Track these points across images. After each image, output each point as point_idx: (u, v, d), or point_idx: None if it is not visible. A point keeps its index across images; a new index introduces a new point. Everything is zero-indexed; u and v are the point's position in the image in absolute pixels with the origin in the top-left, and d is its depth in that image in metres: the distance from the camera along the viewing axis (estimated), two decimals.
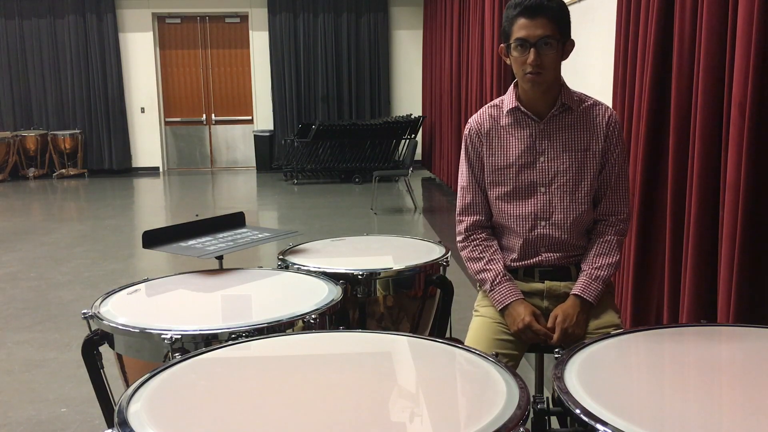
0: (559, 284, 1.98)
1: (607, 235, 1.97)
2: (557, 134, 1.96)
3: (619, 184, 1.98)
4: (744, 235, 2.25)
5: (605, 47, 4.01)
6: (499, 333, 1.97)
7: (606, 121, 1.96)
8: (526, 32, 1.85)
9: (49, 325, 4.05)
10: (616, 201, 1.99)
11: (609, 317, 1.94)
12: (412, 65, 11.96)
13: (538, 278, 2.01)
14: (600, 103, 2.00)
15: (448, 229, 6.75)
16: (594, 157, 1.95)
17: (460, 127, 7.99)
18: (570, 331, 1.87)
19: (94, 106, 11.69)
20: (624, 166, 1.99)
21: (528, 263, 2.01)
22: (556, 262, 1.99)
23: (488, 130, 2.02)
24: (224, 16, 12.03)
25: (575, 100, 1.97)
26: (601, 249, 1.95)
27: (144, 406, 1.28)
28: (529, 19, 1.85)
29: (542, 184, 1.96)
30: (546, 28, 1.84)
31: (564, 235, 1.97)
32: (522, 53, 1.87)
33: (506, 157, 1.99)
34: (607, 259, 1.94)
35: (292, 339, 1.66)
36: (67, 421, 2.85)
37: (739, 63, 2.27)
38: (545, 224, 1.97)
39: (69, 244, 6.29)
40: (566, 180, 1.95)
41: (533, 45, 1.85)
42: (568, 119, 1.96)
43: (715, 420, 1.22)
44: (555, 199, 1.96)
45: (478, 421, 1.18)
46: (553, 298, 1.98)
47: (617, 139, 1.96)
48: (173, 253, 2.32)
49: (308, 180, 10.68)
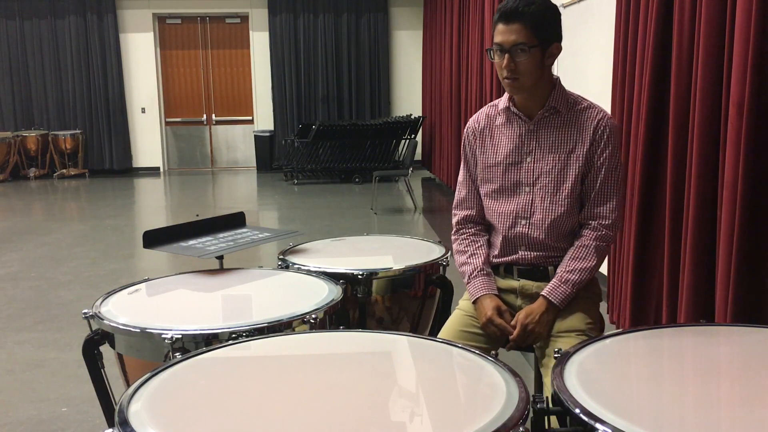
0: (531, 284, 2.01)
1: (586, 239, 1.95)
2: (544, 135, 1.97)
3: (605, 189, 1.94)
4: (742, 235, 2.26)
5: (605, 47, 4.02)
6: (470, 326, 2.02)
7: (594, 125, 1.93)
8: (501, 38, 1.88)
9: (50, 324, 4.06)
10: (600, 205, 1.95)
11: (573, 322, 1.93)
12: (412, 65, 11.96)
13: (517, 276, 2.04)
14: (595, 106, 1.97)
15: (448, 229, 6.75)
16: (578, 159, 1.94)
17: (459, 127, 7.99)
18: (530, 329, 1.89)
19: (95, 107, 11.70)
20: (614, 172, 1.94)
21: (507, 260, 2.04)
22: (533, 261, 2.01)
23: (483, 128, 2.06)
24: (225, 17, 12.04)
25: (567, 103, 1.97)
26: (576, 253, 1.94)
27: (144, 406, 1.28)
28: (505, 24, 1.87)
29: (527, 183, 1.98)
30: (520, 34, 1.85)
31: (542, 235, 1.98)
32: (499, 58, 1.90)
33: (496, 155, 2.03)
34: (580, 263, 1.93)
35: (292, 339, 1.66)
36: (67, 420, 2.86)
37: (737, 63, 2.28)
38: (525, 223, 1.99)
39: (70, 244, 6.29)
40: (549, 181, 1.96)
41: (507, 51, 1.87)
42: (557, 121, 1.96)
43: (713, 419, 1.22)
44: (537, 199, 1.97)
45: (478, 421, 1.19)
46: (526, 297, 2.01)
47: (605, 143, 1.92)
48: (174, 253, 2.32)
49: (308, 180, 10.68)
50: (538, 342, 1.93)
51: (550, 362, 1.85)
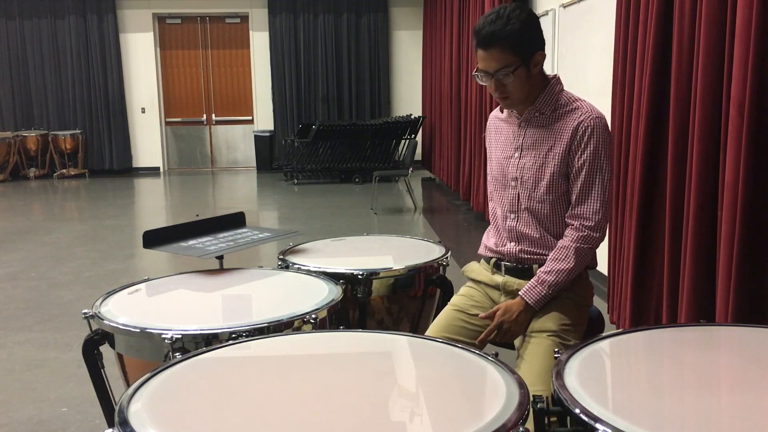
0: (514, 281, 2.02)
1: (567, 240, 1.94)
2: (530, 134, 2.00)
3: (588, 190, 1.92)
4: (742, 235, 2.26)
5: (605, 47, 4.02)
6: (456, 320, 2.04)
7: (574, 126, 1.91)
8: (483, 64, 1.89)
9: (50, 324, 4.06)
10: (582, 205, 1.93)
11: (546, 322, 1.92)
12: (412, 65, 11.95)
13: (504, 272, 2.05)
14: (582, 108, 1.93)
15: (448, 229, 6.76)
16: (554, 158, 1.94)
17: (460, 127, 7.99)
18: (505, 327, 1.91)
19: (95, 107, 11.69)
20: (599, 173, 1.91)
21: (497, 252, 2.07)
22: (518, 256, 2.02)
23: (492, 123, 2.15)
24: (224, 17, 12.03)
25: (554, 103, 1.96)
26: (556, 254, 1.94)
27: (144, 406, 1.28)
28: (484, 50, 1.87)
29: (513, 178, 2.02)
30: (501, 60, 1.85)
31: (527, 230, 2.01)
32: (487, 81, 1.92)
33: (494, 149, 2.11)
34: (558, 264, 1.92)
35: (292, 339, 1.66)
36: (67, 420, 2.86)
37: (737, 63, 2.28)
38: (513, 217, 2.03)
39: (69, 244, 6.29)
40: (529, 177, 1.99)
41: (492, 75, 1.88)
42: (541, 120, 1.98)
43: (713, 419, 1.22)
44: (522, 193, 2.01)
45: (478, 421, 1.19)
46: (509, 294, 2.03)
47: (586, 144, 1.90)
48: (174, 253, 2.32)
49: (308, 180, 10.67)
50: (513, 339, 1.96)
51: (521, 362, 1.90)
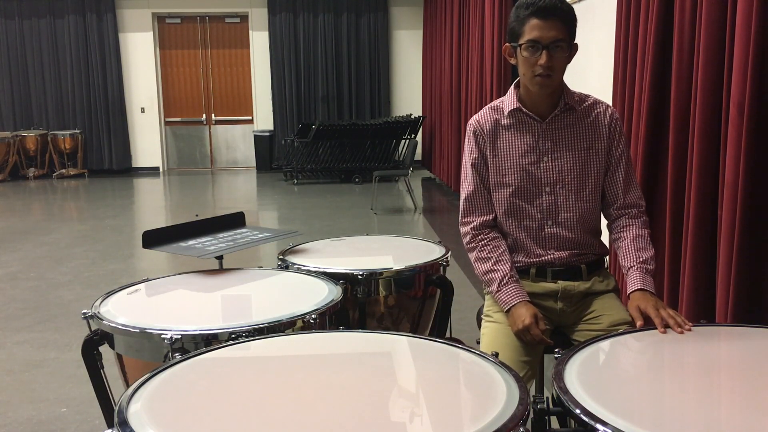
0: (574, 284, 1.98)
1: (635, 229, 1.95)
2: (560, 134, 1.96)
3: (630, 178, 2.00)
4: (742, 235, 2.25)
5: (605, 47, 4.02)
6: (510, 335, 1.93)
7: (608, 120, 1.98)
8: (539, 33, 1.83)
9: (49, 325, 4.05)
10: (631, 194, 1.99)
11: (624, 314, 1.94)
12: (412, 65, 11.95)
13: (551, 278, 2.00)
14: (599, 101, 2.02)
15: (448, 229, 6.75)
16: (597, 155, 1.96)
17: (460, 127, 7.99)
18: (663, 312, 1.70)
19: (94, 106, 11.69)
20: (630, 162, 2.01)
21: (539, 261, 2.00)
22: (566, 261, 1.99)
23: (490, 131, 2.01)
24: (224, 16, 12.03)
25: (576, 100, 1.98)
26: (636, 244, 1.93)
27: (144, 406, 1.28)
28: (542, 20, 1.83)
29: (547, 184, 1.97)
30: (559, 30, 1.84)
31: (571, 234, 1.97)
32: (533, 54, 1.85)
33: (510, 158, 1.99)
34: (647, 253, 1.92)
35: (292, 339, 1.66)
36: (67, 421, 2.85)
37: (737, 63, 2.27)
38: (552, 224, 1.97)
39: (69, 244, 6.29)
40: (571, 179, 1.95)
41: (545, 47, 1.83)
42: (571, 119, 1.96)
43: (714, 419, 1.22)
44: (560, 198, 1.96)
45: (478, 421, 1.19)
46: (567, 299, 1.98)
47: (620, 135, 1.99)
48: (173, 253, 2.32)
49: (308, 180, 10.67)
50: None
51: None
